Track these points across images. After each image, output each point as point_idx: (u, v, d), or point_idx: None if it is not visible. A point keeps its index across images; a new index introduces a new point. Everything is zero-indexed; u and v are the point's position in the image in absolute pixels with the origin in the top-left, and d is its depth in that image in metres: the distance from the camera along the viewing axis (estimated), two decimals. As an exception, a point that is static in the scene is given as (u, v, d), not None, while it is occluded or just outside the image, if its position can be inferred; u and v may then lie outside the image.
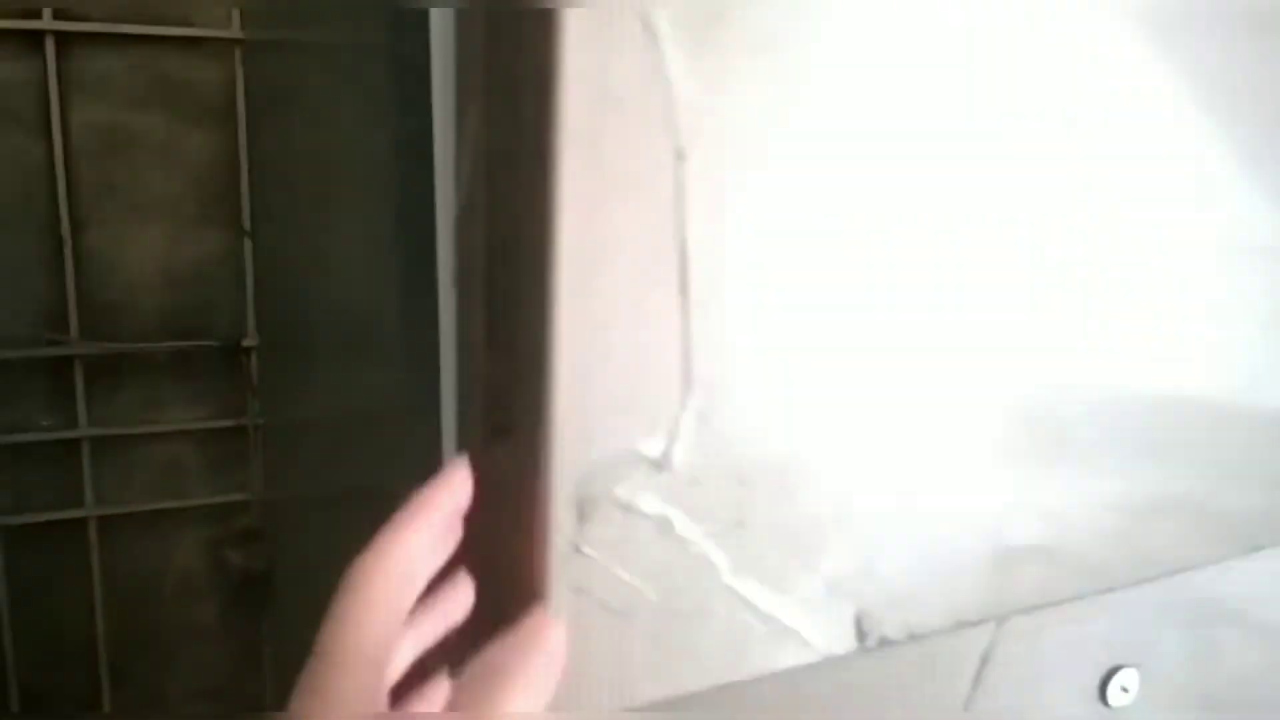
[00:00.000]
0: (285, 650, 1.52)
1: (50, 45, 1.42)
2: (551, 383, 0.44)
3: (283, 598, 1.51)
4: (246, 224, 1.56)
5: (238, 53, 1.52)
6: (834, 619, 0.54)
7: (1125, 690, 0.72)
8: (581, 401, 0.45)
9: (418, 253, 0.52)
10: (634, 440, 0.46)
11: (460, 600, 0.47)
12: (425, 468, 0.47)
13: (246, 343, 1.59)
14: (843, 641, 0.55)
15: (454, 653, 0.45)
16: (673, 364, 0.46)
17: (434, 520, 0.44)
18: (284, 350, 1.33)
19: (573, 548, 0.46)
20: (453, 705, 0.41)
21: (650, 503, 0.47)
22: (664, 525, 0.48)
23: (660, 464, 0.47)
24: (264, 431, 1.62)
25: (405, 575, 0.42)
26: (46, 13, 1.41)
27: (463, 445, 0.51)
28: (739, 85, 0.45)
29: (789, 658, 0.53)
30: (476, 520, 0.47)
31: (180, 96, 1.52)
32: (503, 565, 0.48)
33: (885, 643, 0.56)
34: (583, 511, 0.46)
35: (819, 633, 0.54)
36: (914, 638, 0.57)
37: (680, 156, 0.44)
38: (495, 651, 0.43)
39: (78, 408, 1.54)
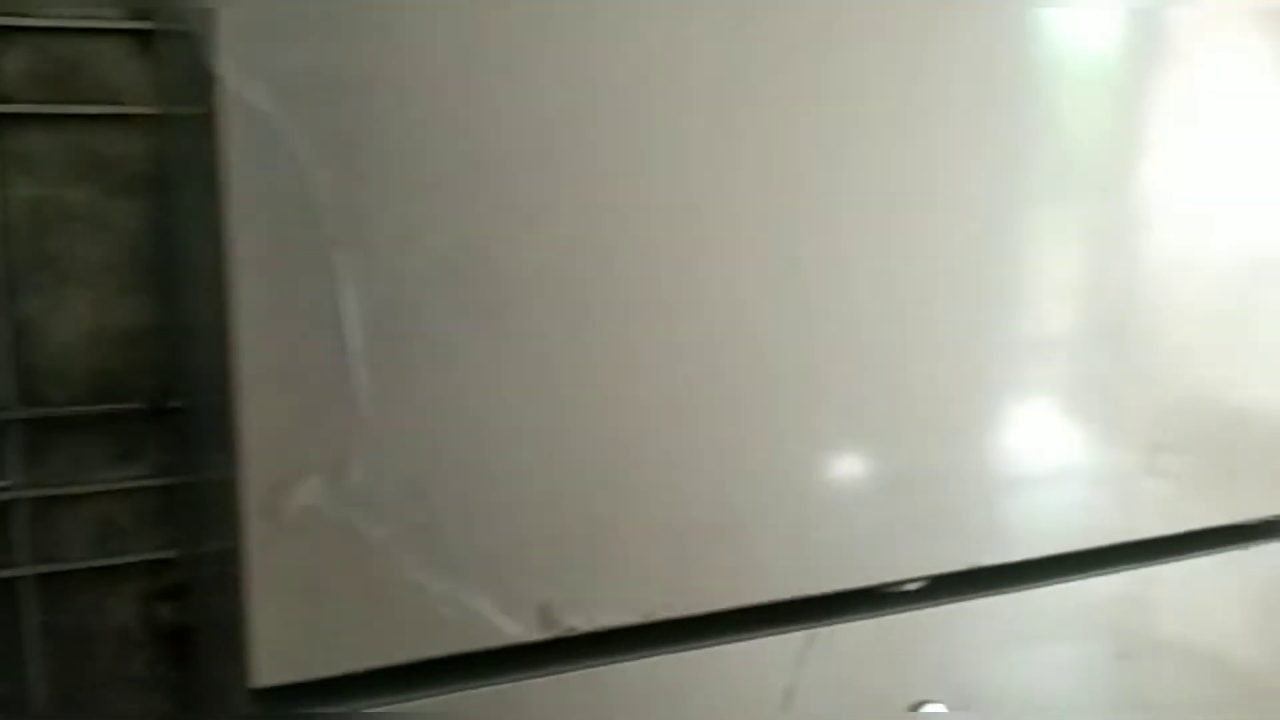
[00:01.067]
0: (208, 699, 1.68)
1: (-16, 127, 1.61)
2: (240, 417, 0.63)
3: (202, 650, 1.67)
4: (168, 291, 1.74)
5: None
6: (520, 610, 0.72)
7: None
8: (267, 433, 0.63)
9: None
10: (313, 461, 0.65)
11: None
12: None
13: (171, 404, 1.77)
14: (531, 629, 0.72)
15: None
16: (341, 403, 0.65)
17: None
18: (194, 412, 1.49)
19: (267, 536, 0.64)
20: None
21: (333, 508, 0.65)
22: (346, 526, 0.66)
23: (337, 478, 0.65)
24: (183, 490, 1.78)
25: None
26: (-23, 95, 1.59)
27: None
28: (370, 191, 0.64)
29: (479, 640, 0.70)
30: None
31: (107, 170, 1.70)
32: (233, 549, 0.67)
33: (573, 631, 0.73)
34: (271, 511, 0.64)
35: (507, 621, 0.71)
36: (600, 628, 0.74)
37: (333, 244, 0.62)
38: None
39: (9, 470, 1.72)
